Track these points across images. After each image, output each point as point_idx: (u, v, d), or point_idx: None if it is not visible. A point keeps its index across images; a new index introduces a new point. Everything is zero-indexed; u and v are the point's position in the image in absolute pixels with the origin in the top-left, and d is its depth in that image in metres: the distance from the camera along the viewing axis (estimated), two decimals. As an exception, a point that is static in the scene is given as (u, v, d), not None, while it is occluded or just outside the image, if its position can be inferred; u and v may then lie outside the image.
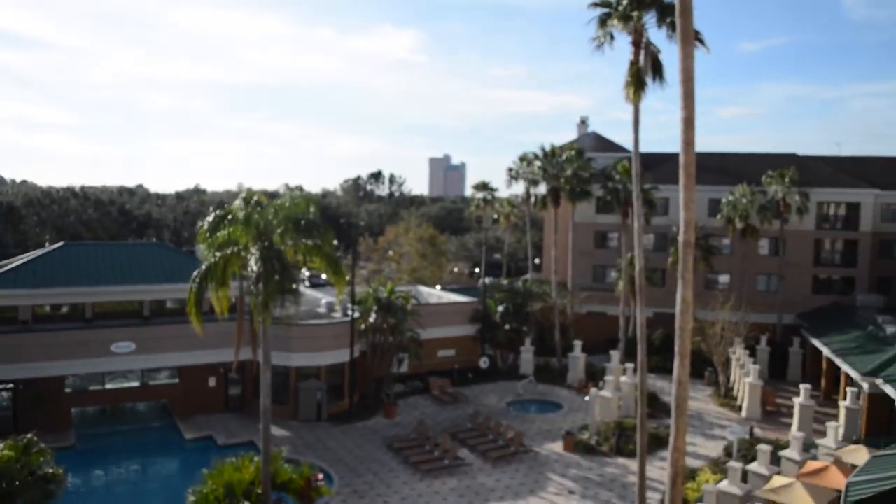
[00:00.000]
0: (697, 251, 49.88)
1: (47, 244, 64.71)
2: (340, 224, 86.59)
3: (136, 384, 42.16)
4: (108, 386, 41.53)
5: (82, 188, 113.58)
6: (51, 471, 23.99)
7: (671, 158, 47.96)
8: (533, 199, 60.09)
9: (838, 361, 42.21)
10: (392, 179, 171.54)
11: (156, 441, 39.47)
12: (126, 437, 40.00)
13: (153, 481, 35.96)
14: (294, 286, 24.63)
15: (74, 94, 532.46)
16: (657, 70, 29.26)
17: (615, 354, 47.30)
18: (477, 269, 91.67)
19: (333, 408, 42.13)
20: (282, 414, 40.15)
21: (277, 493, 25.99)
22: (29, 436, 24.55)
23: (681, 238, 19.01)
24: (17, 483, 22.54)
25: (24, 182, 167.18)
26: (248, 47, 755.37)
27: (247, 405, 42.35)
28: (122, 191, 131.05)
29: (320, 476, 29.18)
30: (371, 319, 43.50)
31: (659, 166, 58.27)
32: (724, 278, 59.83)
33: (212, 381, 42.50)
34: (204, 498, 24.11)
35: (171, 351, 40.72)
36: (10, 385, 38.10)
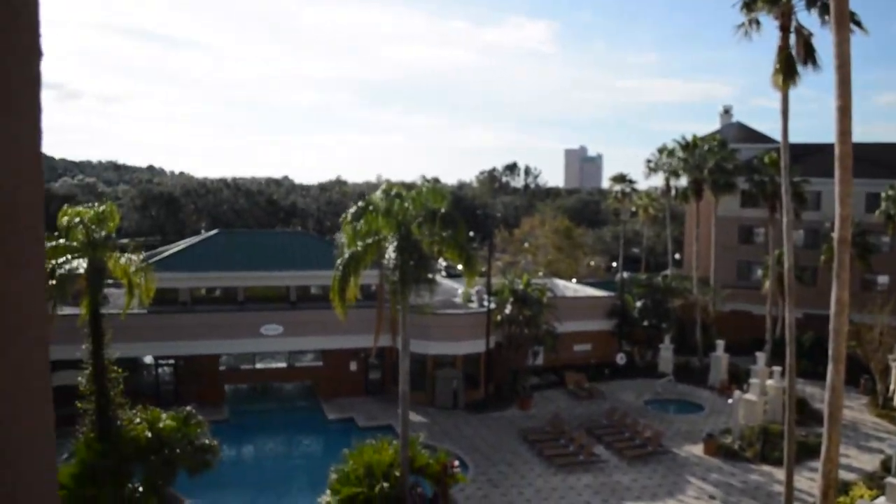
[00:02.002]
0: (853, 249, 46.72)
1: (203, 231, 68.91)
2: (477, 215, 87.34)
3: (283, 365, 44.38)
4: (258, 365, 43.93)
5: (234, 179, 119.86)
6: (207, 442, 25.70)
7: (823, 149, 45.44)
8: (673, 192, 58.39)
9: None
10: (527, 171, 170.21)
11: (301, 420, 41.28)
12: (274, 415, 42.18)
13: (298, 458, 37.91)
14: (430, 275, 25.18)
15: (222, 93, 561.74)
16: (809, 55, 27.71)
17: (761, 356, 45.13)
18: (614, 264, 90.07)
19: (469, 396, 42.65)
20: (419, 400, 40.68)
21: (415, 477, 26.74)
22: (188, 408, 26.43)
23: (836, 235, 18.06)
24: (179, 451, 24.31)
25: (181, 174, 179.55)
26: (383, 42, 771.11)
27: (385, 390, 43.32)
28: (270, 182, 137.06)
29: (456, 463, 29.73)
30: (507, 311, 43.62)
31: (809, 158, 55.07)
32: (882, 279, 55.88)
33: (353, 366, 43.91)
34: (345, 476, 25.15)
35: (315, 335, 42.18)
36: (172, 361, 41.20)
